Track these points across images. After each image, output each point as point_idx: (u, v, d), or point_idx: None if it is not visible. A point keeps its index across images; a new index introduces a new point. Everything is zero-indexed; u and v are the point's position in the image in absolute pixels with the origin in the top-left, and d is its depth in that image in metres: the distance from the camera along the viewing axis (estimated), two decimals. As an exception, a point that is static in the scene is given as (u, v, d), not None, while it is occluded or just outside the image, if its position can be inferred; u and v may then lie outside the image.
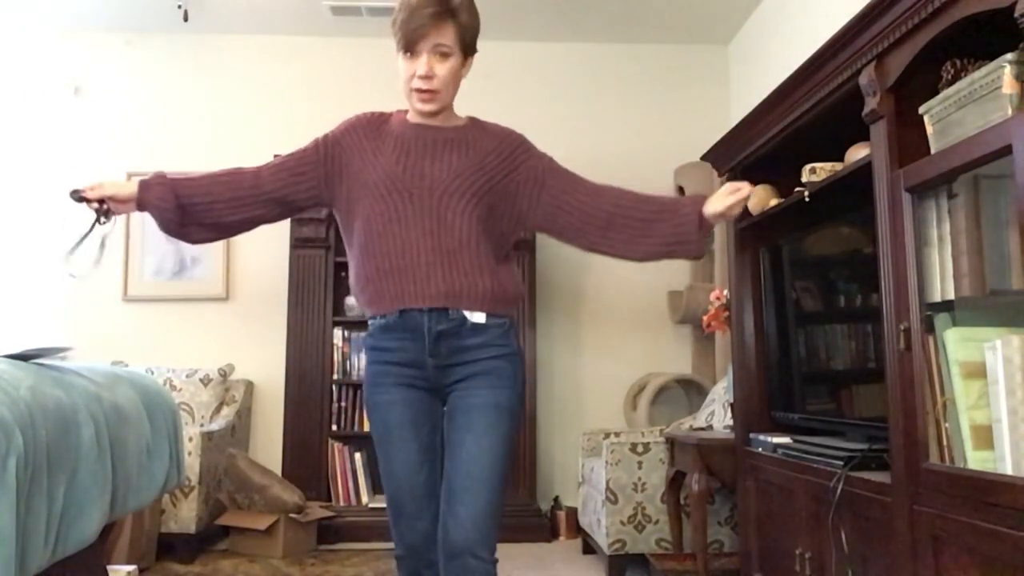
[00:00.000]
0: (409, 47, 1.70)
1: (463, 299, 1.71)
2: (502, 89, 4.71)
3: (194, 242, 1.86)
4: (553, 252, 4.60)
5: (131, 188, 1.77)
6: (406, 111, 1.84)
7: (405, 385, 1.75)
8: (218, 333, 4.61)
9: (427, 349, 1.73)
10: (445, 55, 1.71)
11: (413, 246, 1.71)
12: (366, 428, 4.25)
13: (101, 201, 1.75)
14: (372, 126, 1.82)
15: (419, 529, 1.73)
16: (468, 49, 1.75)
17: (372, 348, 1.80)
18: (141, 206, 1.77)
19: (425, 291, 1.70)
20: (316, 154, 1.82)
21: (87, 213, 1.76)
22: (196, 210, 1.79)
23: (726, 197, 1.75)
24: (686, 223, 1.76)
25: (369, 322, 1.82)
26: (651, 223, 1.78)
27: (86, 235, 1.76)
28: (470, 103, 1.89)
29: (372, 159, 1.76)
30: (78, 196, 1.75)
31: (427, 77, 1.71)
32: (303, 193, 1.83)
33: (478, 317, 1.73)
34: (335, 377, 4.32)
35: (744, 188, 1.75)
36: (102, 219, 1.77)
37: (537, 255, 4.40)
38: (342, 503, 4.18)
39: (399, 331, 1.74)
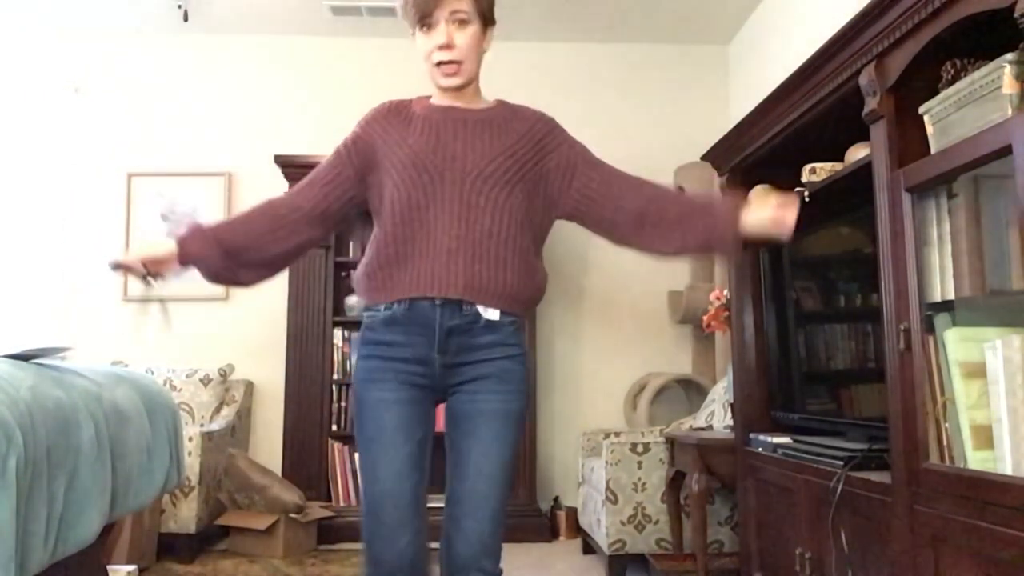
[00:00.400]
0: (424, 18, 1.63)
1: (482, 293, 1.62)
2: (502, 89, 4.69)
3: (247, 284, 1.79)
4: (553, 252, 4.60)
5: (168, 247, 1.70)
6: (428, 97, 1.77)
7: (406, 383, 1.64)
8: (218, 333, 4.61)
9: (436, 345, 1.63)
10: (463, 22, 1.64)
11: (439, 231, 1.62)
12: (366, 428, 4.24)
13: (144, 265, 1.70)
14: (394, 113, 1.74)
15: (399, 546, 1.58)
16: (486, 17, 1.69)
17: (372, 342, 1.68)
18: (184, 261, 1.70)
19: (444, 280, 1.61)
20: (342, 157, 1.75)
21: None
22: (242, 251, 1.71)
23: (767, 215, 1.66)
24: (721, 225, 1.69)
25: (366, 314, 1.70)
26: (686, 219, 1.70)
27: (152, 301, 1.76)
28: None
29: (399, 141, 1.68)
30: (116, 266, 1.71)
31: (448, 46, 1.63)
32: (341, 200, 1.75)
33: (492, 314, 1.64)
34: (335, 377, 4.32)
35: (791, 214, 1.65)
36: (150, 281, 1.73)
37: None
38: (342, 503, 4.18)
39: (405, 324, 1.63)
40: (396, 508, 1.59)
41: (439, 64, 1.66)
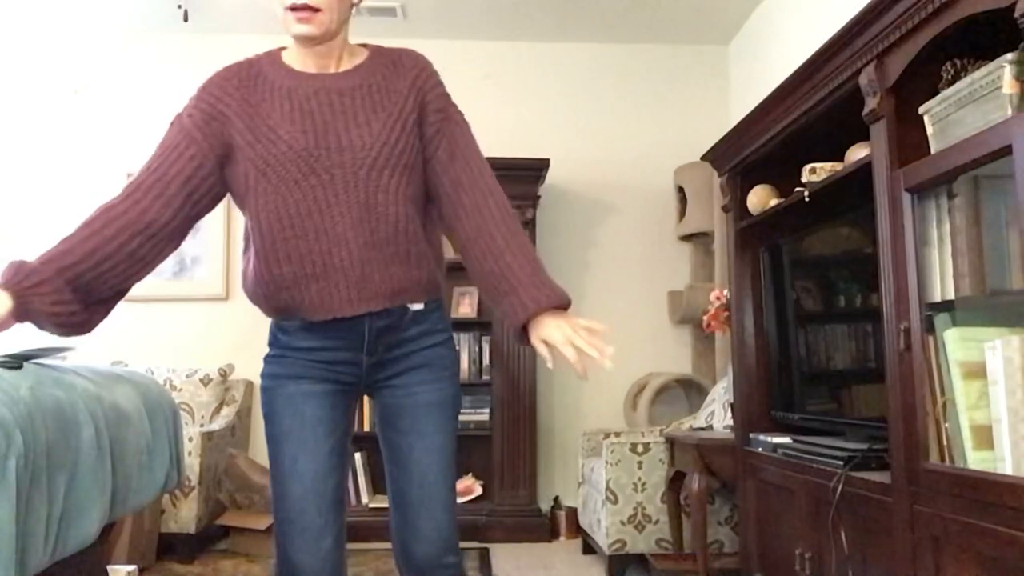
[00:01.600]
0: None
1: (404, 295, 1.50)
2: (502, 89, 4.72)
3: (95, 325, 1.48)
4: (553, 251, 4.60)
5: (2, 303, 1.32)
6: (280, 51, 1.51)
7: (328, 379, 1.51)
8: (218, 333, 4.61)
9: (365, 348, 1.51)
10: None
11: (342, 243, 1.43)
12: (366, 427, 4.25)
13: None
14: (245, 83, 1.47)
15: (322, 550, 1.46)
16: None
17: (287, 346, 1.52)
18: (23, 315, 1.35)
19: (361, 295, 1.45)
20: (196, 145, 1.44)
21: None
22: (96, 286, 1.40)
23: (564, 344, 1.39)
24: (513, 317, 1.46)
25: (280, 320, 1.54)
26: (496, 283, 1.48)
27: None
28: (469, 103, 1.82)
29: (267, 131, 1.42)
30: None
31: None
32: (205, 202, 1.47)
33: (417, 305, 1.54)
34: (335, 377, 4.30)
35: (588, 360, 1.39)
36: None
37: (537, 251, 4.39)
38: (342, 503, 4.17)
39: (328, 331, 1.49)
40: (319, 511, 1.46)
41: (291, 8, 1.41)
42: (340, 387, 1.53)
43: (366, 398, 1.75)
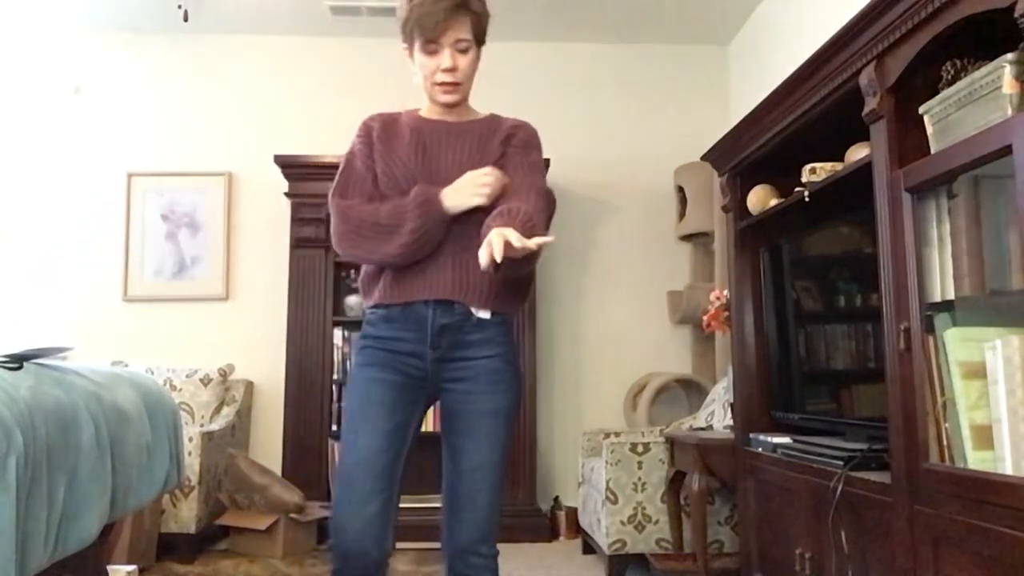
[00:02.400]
0: (429, 43, 1.72)
1: (470, 294, 1.73)
2: (502, 89, 4.69)
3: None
4: (554, 250, 4.60)
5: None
6: (417, 110, 1.86)
7: (398, 370, 1.74)
8: (218, 333, 4.61)
9: (429, 341, 1.73)
10: (465, 50, 1.74)
11: None
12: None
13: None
14: (386, 126, 1.84)
15: (366, 515, 1.65)
16: (481, 39, 1.79)
17: (370, 336, 1.79)
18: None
19: (435, 284, 1.72)
20: (370, 168, 1.80)
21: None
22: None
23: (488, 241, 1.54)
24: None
25: (368, 310, 1.82)
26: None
27: None
28: (470, 104, 1.88)
29: (391, 155, 1.79)
30: None
31: (452, 70, 1.74)
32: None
33: (483, 313, 1.74)
34: (335, 377, 4.31)
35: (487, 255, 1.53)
36: None
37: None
38: (342, 503, 4.18)
39: (401, 321, 1.75)
40: (369, 477, 1.67)
41: (440, 84, 1.76)
42: (407, 380, 1.74)
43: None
